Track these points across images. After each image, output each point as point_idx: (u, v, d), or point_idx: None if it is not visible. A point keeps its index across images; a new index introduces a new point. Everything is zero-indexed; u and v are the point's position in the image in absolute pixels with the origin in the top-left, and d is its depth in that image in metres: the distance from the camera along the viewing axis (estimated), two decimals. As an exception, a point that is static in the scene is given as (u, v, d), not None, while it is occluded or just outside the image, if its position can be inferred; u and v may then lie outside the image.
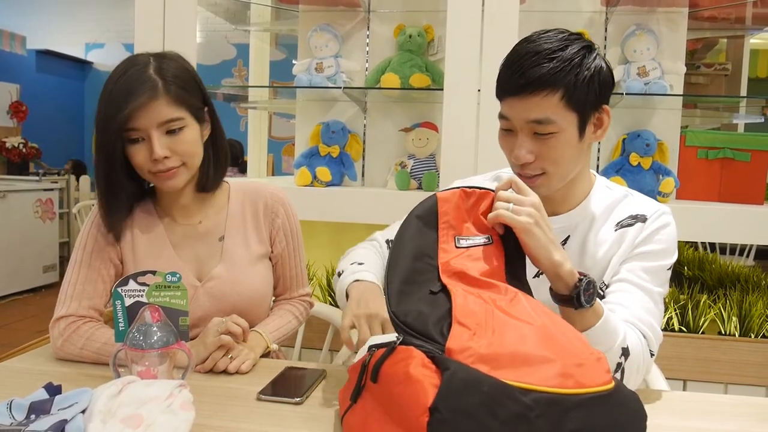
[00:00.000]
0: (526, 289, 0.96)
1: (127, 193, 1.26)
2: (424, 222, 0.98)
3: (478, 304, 0.84)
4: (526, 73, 1.03)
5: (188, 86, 1.21)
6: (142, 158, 1.18)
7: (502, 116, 1.10)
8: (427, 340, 0.81)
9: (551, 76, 1.02)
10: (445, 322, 0.83)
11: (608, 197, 1.18)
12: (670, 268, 1.14)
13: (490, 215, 0.98)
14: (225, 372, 1.14)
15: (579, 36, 1.08)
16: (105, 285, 1.27)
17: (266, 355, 1.28)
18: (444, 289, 0.89)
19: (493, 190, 1.01)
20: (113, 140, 1.16)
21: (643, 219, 1.15)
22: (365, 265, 1.24)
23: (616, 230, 1.15)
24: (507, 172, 1.30)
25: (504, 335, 0.78)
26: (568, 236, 1.17)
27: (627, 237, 1.14)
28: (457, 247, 0.95)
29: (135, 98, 1.13)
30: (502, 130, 1.12)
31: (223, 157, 1.33)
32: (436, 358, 0.77)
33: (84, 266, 1.26)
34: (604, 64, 1.08)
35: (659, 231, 1.14)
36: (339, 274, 1.25)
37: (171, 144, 1.18)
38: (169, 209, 1.33)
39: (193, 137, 1.22)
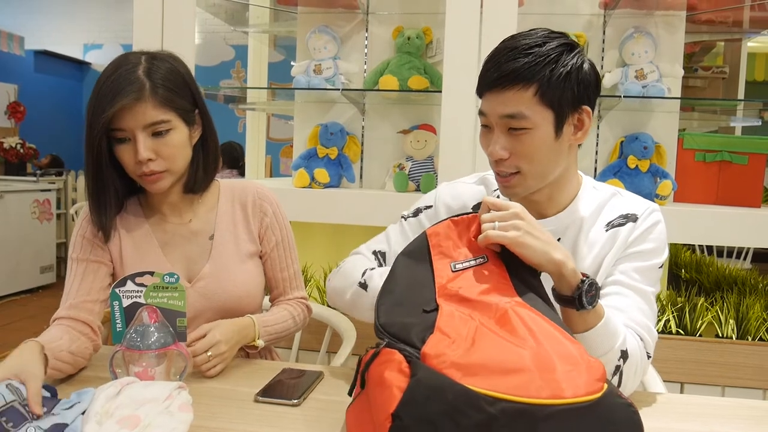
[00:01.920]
0: (540, 291, 0.95)
1: (116, 191, 1.25)
2: (415, 258, 0.99)
3: (464, 321, 0.84)
4: (501, 68, 1.04)
5: (177, 88, 1.20)
6: (128, 158, 1.18)
7: (480, 112, 1.10)
8: (407, 345, 0.81)
9: (525, 70, 1.02)
10: (428, 332, 0.83)
11: (596, 198, 1.18)
12: (661, 267, 1.14)
13: (480, 239, 0.97)
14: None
15: (562, 35, 1.08)
16: (101, 286, 1.26)
17: (252, 348, 1.27)
18: (437, 309, 0.89)
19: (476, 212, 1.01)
20: (99, 139, 1.16)
21: (634, 218, 1.14)
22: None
23: (607, 230, 1.15)
24: (492, 174, 1.30)
25: (482, 348, 0.78)
26: (558, 239, 1.16)
27: (619, 237, 1.13)
28: (453, 272, 0.95)
29: (121, 99, 1.13)
30: (482, 127, 1.13)
31: (213, 159, 1.32)
32: (412, 362, 0.77)
33: (77, 273, 1.26)
34: (586, 65, 1.07)
35: (651, 230, 1.13)
36: (364, 287, 1.17)
37: (156, 146, 1.18)
38: (158, 207, 1.32)
39: (179, 140, 1.21)
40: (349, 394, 0.90)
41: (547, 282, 1.00)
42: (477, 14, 1.94)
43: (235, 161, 4.44)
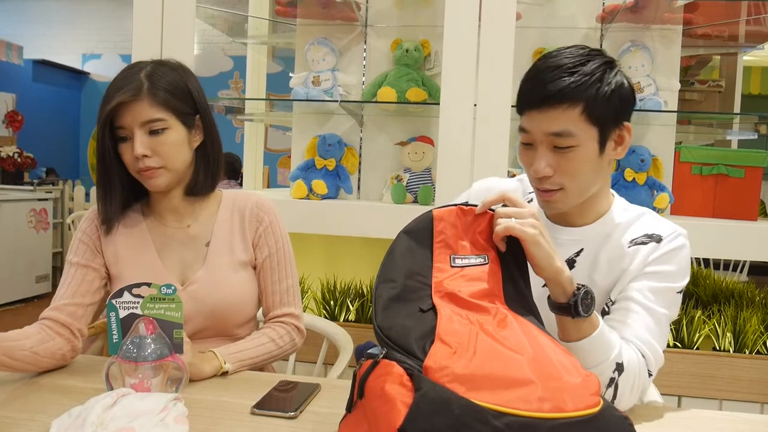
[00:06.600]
0: (529, 304, 0.95)
1: (122, 186, 1.30)
2: (417, 240, 0.97)
3: (464, 325, 0.84)
4: (546, 87, 1.04)
5: (176, 91, 1.26)
6: (128, 156, 1.24)
7: (522, 129, 1.10)
8: (408, 355, 0.81)
9: (572, 89, 1.03)
10: (428, 339, 0.82)
11: (624, 216, 1.17)
12: (680, 292, 1.12)
13: (498, 228, 0.97)
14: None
15: (600, 52, 1.09)
16: (88, 289, 1.29)
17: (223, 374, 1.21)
18: (433, 309, 0.88)
19: (491, 210, 1.01)
20: (103, 136, 1.24)
21: (658, 239, 1.13)
22: None
23: (629, 247, 1.13)
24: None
25: (484, 358, 0.78)
26: (582, 249, 1.16)
27: (639, 255, 1.12)
28: (452, 267, 0.95)
29: (119, 96, 1.20)
30: (522, 144, 1.12)
31: (215, 165, 1.36)
32: (414, 375, 0.77)
33: (69, 275, 1.30)
34: (625, 81, 1.09)
35: (674, 253, 1.11)
36: None
37: (152, 144, 1.23)
38: (160, 211, 1.35)
39: (175, 139, 1.26)
40: (348, 409, 0.89)
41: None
42: (475, 27, 1.95)
43: (236, 173, 4.46)
